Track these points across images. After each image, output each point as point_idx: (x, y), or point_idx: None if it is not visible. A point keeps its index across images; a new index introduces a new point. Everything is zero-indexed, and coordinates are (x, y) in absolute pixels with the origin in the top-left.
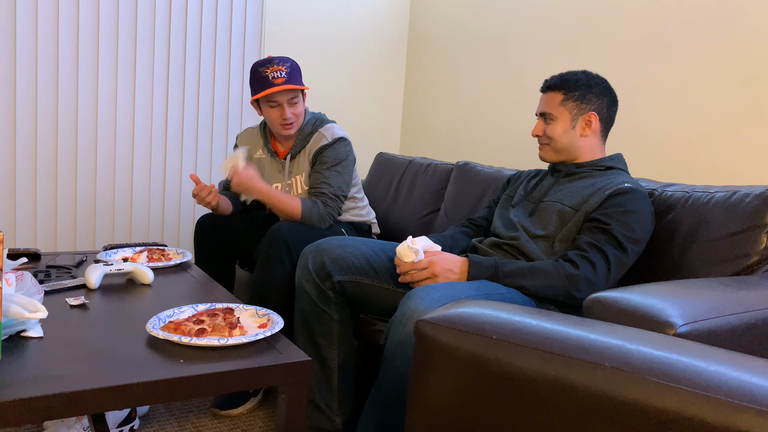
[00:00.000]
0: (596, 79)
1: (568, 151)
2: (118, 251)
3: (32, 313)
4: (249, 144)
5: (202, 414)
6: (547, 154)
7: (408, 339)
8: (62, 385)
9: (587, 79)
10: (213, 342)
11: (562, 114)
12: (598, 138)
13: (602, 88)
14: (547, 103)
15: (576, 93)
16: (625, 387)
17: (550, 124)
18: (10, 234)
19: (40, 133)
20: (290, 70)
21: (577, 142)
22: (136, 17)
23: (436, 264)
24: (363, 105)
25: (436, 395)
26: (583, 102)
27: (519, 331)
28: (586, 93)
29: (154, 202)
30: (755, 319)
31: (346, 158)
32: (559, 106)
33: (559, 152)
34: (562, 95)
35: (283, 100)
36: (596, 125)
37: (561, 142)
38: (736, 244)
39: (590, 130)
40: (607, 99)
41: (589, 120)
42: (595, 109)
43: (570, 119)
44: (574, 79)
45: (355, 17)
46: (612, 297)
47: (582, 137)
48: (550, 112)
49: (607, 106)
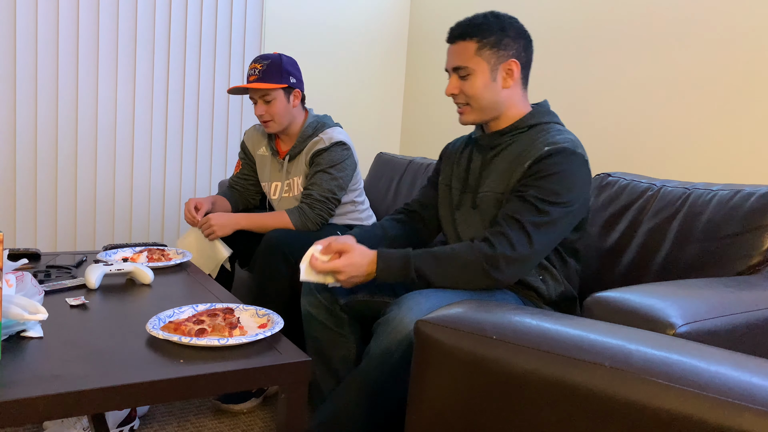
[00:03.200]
0: (509, 19)
1: (492, 108)
2: (118, 251)
3: (32, 315)
4: (255, 140)
5: (202, 414)
6: (469, 117)
7: (395, 348)
8: (62, 385)
9: (500, 22)
10: (213, 342)
11: (479, 65)
12: (519, 88)
13: (517, 29)
14: (459, 56)
15: (491, 38)
16: (625, 387)
17: (467, 80)
18: (10, 234)
19: (40, 133)
20: (266, 68)
21: (500, 96)
22: (136, 17)
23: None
24: (363, 105)
25: (436, 395)
26: (500, 48)
27: (519, 331)
28: (503, 37)
29: (154, 202)
30: (755, 319)
31: (342, 161)
32: (475, 57)
33: (483, 111)
34: (476, 43)
35: (256, 96)
36: (518, 73)
37: (483, 98)
38: (738, 244)
39: (512, 80)
40: (523, 41)
41: (510, 68)
42: (514, 54)
43: (489, 70)
44: (486, 23)
45: (356, 17)
46: (612, 297)
47: (504, 89)
48: (465, 64)
49: (524, 49)
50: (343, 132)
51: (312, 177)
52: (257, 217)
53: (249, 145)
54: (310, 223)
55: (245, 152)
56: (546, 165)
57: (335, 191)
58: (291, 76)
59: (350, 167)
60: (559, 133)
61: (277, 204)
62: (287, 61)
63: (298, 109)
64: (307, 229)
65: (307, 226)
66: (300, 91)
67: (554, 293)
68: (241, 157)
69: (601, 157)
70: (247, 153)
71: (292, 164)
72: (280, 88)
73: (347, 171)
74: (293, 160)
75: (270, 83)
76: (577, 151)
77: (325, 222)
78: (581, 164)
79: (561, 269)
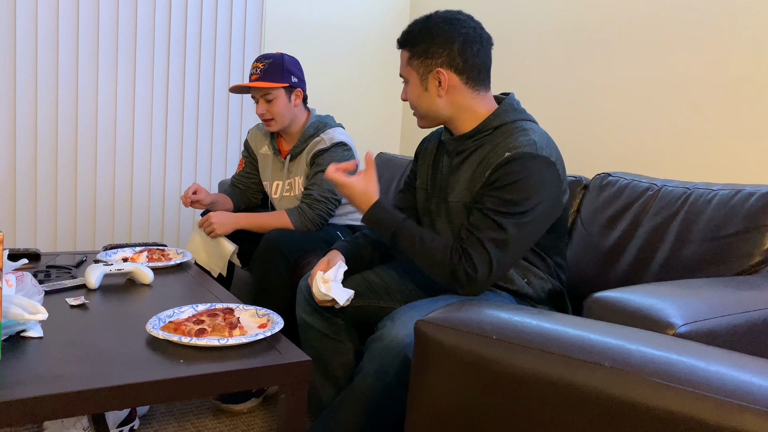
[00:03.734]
0: (440, 24)
1: (436, 115)
2: (118, 251)
3: (32, 315)
4: (258, 138)
5: (202, 414)
6: (420, 123)
7: (389, 364)
8: (62, 385)
9: (429, 27)
10: (213, 342)
11: (411, 75)
12: (465, 93)
13: (448, 34)
14: (401, 64)
15: (418, 48)
16: (625, 387)
17: (408, 89)
18: (10, 234)
19: (40, 133)
20: (268, 67)
21: (437, 104)
22: (136, 17)
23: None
24: (363, 105)
25: (436, 395)
26: (427, 57)
27: (519, 331)
28: (429, 45)
29: (154, 202)
30: (755, 319)
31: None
32: (407, 66)
33: (426, 119)
34: (408, 52)
35: (258, 95)
36: (451, 80)
37: (420, 107)
38: (738, 244)
39: (444, 90)
40: (457, 44)
41: (437, 78)
42: (443, 62)
43: (419, 80)
44: (415, 30)
45: (356, 17)
46: (612, 297)
47: (439, 98)
48: (402, 73)
49: (459, 52)
50: (344, 133)
51: (312, 177)
52: (257, 216)
53: (252, 143)
54: (310, 223)
55: (248, 150)
56: (504, 173)
57: (335, 191)
58: (293, 75)
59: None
60: (523, 134)
61: (278, 203)
62: (289, 61)
63: (299, 109)
64: (307, 229)
65: (306, 226)
66: (302, 90)
67: (542, 292)
68: (244, 155)
69: (601, 157)
70: (250, 151)
71: (293, 164)
72: (281, 87)
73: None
74: (295, 159)
75: (271, 82)
76: (540, 153)
77: (324, 222)
78: (544, 167)
79: (543, 267)
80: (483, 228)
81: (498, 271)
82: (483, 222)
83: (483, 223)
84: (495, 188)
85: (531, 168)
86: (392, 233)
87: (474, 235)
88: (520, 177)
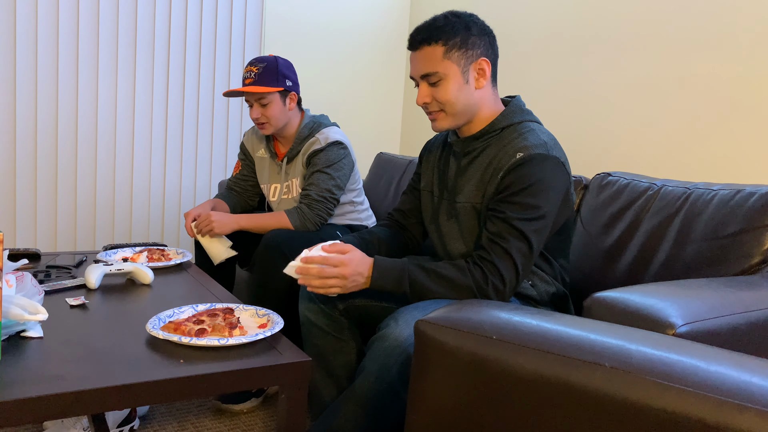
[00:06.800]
0: (470, 17)
1: (466, 112)
2: (118, 251)
3: (32, 315)
4: (254, 141)
5: (202, 414)
6: (443, 123)
7: (392, 365)
8: (62, 385)
9: (462, 21)
10: (213, 342)
11: (449, 69)
12: (491, 87)
13: (480, 26)
14: (426, 62)
15: (457, 39)
16: (625, 387)
17: (438, 86)
18: (10, 234)
19: (40, 133)
20: (262, 71)
21: (474, 98)
22: (136, 18)
23: (347, 264)
24: (363, 105)
25: (436, 395)
26: (468, 48)
27: (519, 331)
28: (468, 36)
29: (154, 202)
30: (755, 319)
31: (339, 161)
32: (444, 61)
33: (457, 116)
34: (443, 46)
35: (252, 99)
36: (489, 71)
37: (458, 102)
38: (738, 244)
39: (485, 79)
40: (488, 38)
41: (481, 68)
42: (483, 52)
43: (461, 72)
44: (449, 24)
45: (356, 17)
46: (612, 297)
47: (477, 90)
48: (434, 70)
49: (491, 45)
50: (339, 131)
51: (309, 177)
52: (257, 217)
53: (248, 146)
54: (309, 223)
55: (245, 153)
56: (518, 177)
57: (333, 191)
58: (287, 79)
59: (347, 166)
60: (532, 134)
61: (276, 206)
62: (283, 64)
63: (294, 112)
64: (307, 229)
65: (306, 227)
66: (296, 93)
67: (546, 295)
68: (240, 158)
69: (601, 157)
70: (247, 154)
71: (290, 166)
72: (275, 91)
73: (344, 170)
74: (291, 161)
75: (266, 87)
76: (551, 153)
77: (324, 222)
78: (556, 167)
79: (548, 271)
80: (507, 237)
81: (523, 277)
82: (507, 231)
83: (507, 232)
84: (512, 194)
85: (545, 169)
86: (404, 271)
87: (499, 245)
88: (534, 180)
